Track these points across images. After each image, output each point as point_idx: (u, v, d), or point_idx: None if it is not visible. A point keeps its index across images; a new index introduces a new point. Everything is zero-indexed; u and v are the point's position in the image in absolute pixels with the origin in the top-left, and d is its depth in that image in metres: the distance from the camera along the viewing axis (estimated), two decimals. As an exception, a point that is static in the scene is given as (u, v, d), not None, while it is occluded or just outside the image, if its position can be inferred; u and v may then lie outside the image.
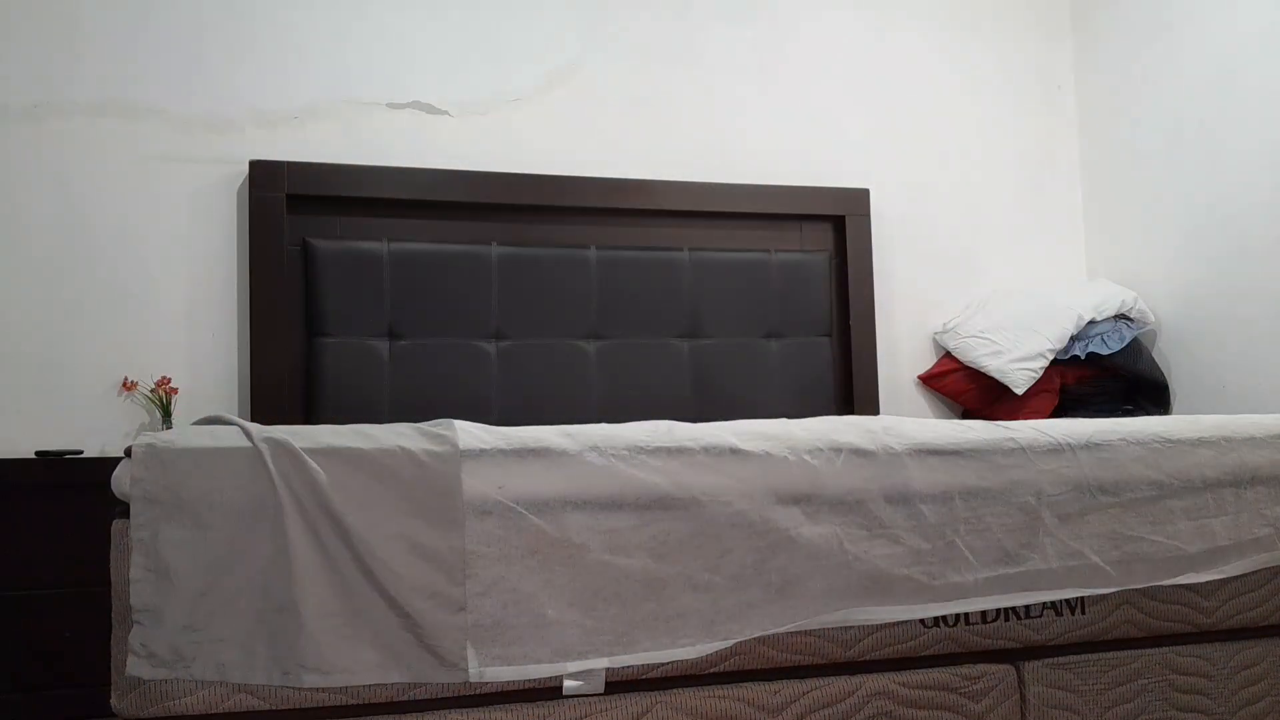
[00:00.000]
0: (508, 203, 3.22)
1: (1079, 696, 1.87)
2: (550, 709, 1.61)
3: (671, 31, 3.49)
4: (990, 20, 3.81)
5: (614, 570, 1.62)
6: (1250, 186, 3.16)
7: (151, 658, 1.48)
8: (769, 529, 1.69)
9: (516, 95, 3.34)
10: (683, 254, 3.34)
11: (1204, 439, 1.98)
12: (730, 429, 1.77)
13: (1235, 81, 3.21)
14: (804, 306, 3.42)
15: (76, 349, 2.93)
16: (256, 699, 1.52)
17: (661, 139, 3.44)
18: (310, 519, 1.53)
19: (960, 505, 1.80)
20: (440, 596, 1.55)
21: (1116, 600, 1.90)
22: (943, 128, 3.73)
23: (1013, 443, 1.87)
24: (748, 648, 1.70)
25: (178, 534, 1.51)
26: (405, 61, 3.26)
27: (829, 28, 3.65)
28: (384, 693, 1.56)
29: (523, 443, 1.64)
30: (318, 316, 3.01)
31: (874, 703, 1.76)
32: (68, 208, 2.97)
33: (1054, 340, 3.36)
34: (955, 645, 1.82)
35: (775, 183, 3.46)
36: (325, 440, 1.58)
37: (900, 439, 1.82)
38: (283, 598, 1.51)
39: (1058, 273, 3.78)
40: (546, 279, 3.21)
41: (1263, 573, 1.99)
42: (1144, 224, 3.58)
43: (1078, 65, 3.86)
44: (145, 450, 1.53)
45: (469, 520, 1.57)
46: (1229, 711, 1.95)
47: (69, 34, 3.00)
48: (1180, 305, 3.43)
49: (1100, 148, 3.77)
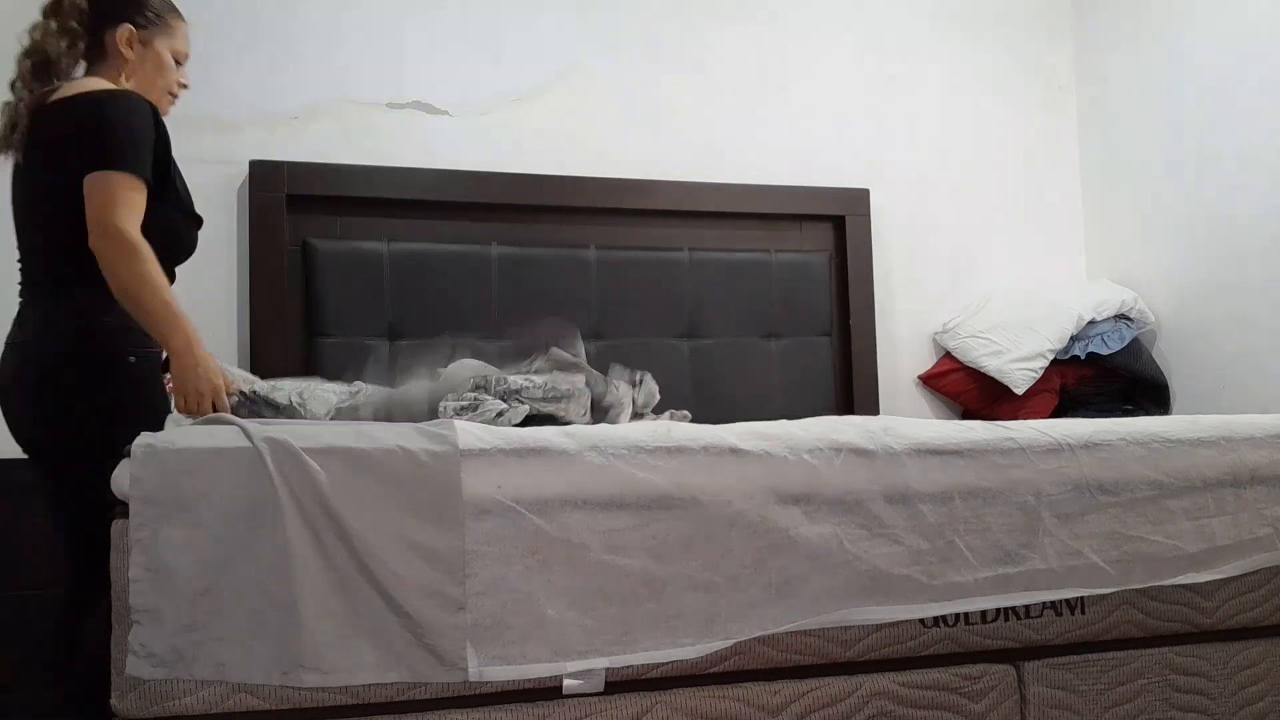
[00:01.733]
0: (508, 203, 3.22)
1: (1079, 696, 1.87)
2: (550, 709, 1.61)
3: (671, 31, 3.49)
4: (990, 20, 3.81)
5: (614, 570, 1.62)
6: (1250, 187, 3.16)
7: (151, 658, 1.48)
8: (769, 529, 1.69)
9: (516, 95, 3.34)
10: (683, 254, 3.34)
11: (1204, 439, 1.98)
12: (730, 429, 1.78)
13: (1235, 82, 3.21)
14: (804, 306, 3.42)
15: (76, 349, 2.93)
16: (256, 699, 1.52)
17: (661, 139, 3.43)
18: (310, 519, 1.53)
19: (960, 505, 1.80)
20: (440, 596, 1.55)
21: (1116, 600, 1.90)
22: (943, 128, 3.72)
23: (1012, 443, 1.87)
24: (748, 648, 1.70)
25: (177, 534, 1.51)
26: (405, 61, 3.26)
27: (829, 28, 3.65)
28: (384, 692, 1.56)
29: (523, 442, 1.65)
30: (318, 316, 3.01)
31: (874, 703, 1.76)
32: (68, 208, 2.97)
33: (1054, 340, 3.36)
34: (955, 645, 1.82)
35: (775, 183, 3.46)
36: (325, 440, 1.59)
37: (900, 439, 1.82)
38: (282, 597, 1.51)
39: (1058, 273, 3.77)
40: (546, 279, 3.20)
41: (1263, 573, 1.99)
42: (1144, 224, 3.57)
43: (1078, 65, 3.85)
44: (145, 450, 1.53)
45: (469, 520, 1.57)
46: (1229, 711, 1.95)
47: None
48: (1180, 305, 3.43)
49: (1100, 148, 3.77)
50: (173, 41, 2.07)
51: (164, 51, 2.05)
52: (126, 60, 2.01)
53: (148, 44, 2.03)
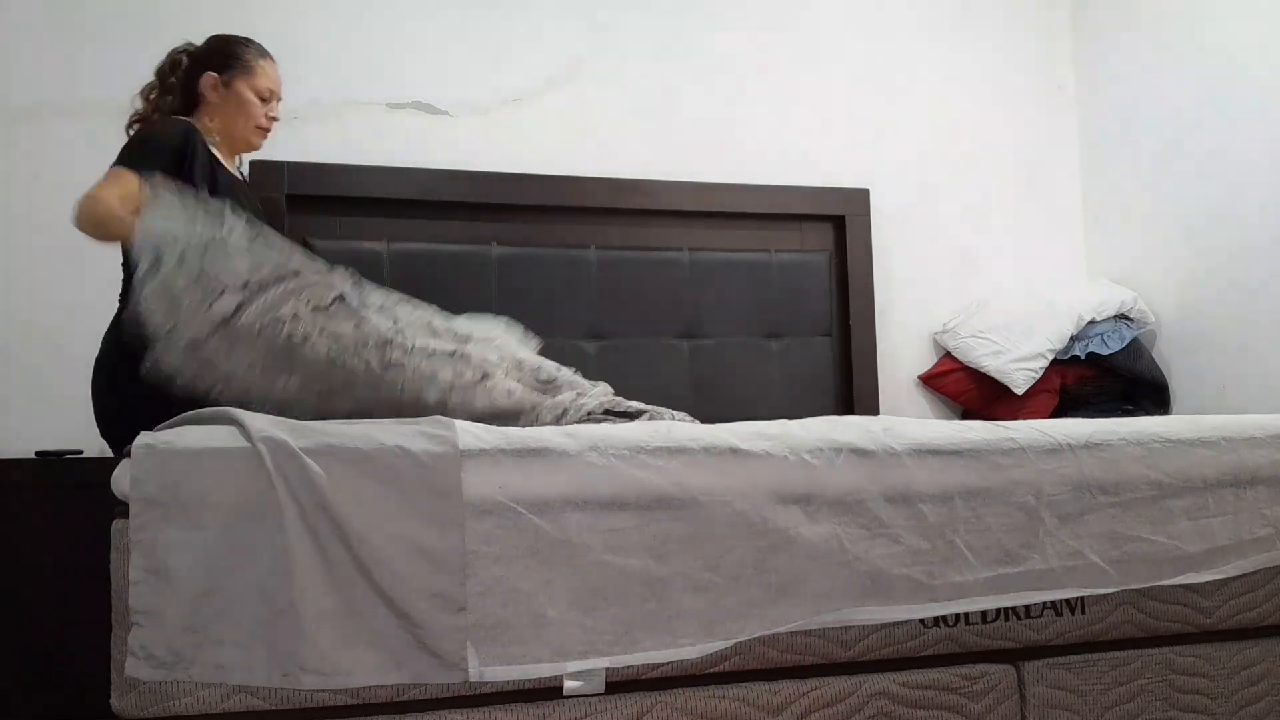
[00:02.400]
0: (508, 203, 3.22)
1: (1079, 696, 1.87)
2: (550, 709, 1.61)
3: (671, 31, 3.49)
4: (990, 20, 3.81)
5: (614, 570, 1.62)
6: (1250, 186, 3.16)
7: (150, 659, 1.48)
8: (769, 529, 1.69)
9: (516, 95, 3.34)
10: (683, 254, 3.34)
11: (1204, 439, 1.98)
12: (730, 429, 1.78)
13: (1235, 81, 3.21)
14: (804, 306, 3.42)
15: (76, 349, 2.92)
16: (256, 699, 1.52)
17: (661, 139, 3.43)
18: (310, 519, 1.53)
19: (960, 505, 1.80)
20: (440, 597, 1.55)
21: (1116, 600, 1.90)
22: (943, 128, 3.72)
23: (1013, 443, 1.87)
24: (748, 648, 1.70)
25: (177, 535, 1.51)
26: (405, 61, 3.26)
27: (829, 27, 3.65)
28: (384, 693, 1.56)
29: (523, 442, 1.65)
30: (318, 316, 3.01)
31: (874, 703, 1.76)
32: (68, 208, 2.96)
33: (1054, 340, 3.36)
34: (955, 645, 1.82)
35: (775, 183, 3.46)
36: (325, 440, 1.58)
37: (900, 439, 1.82)
38: (282, 599, 1.51)
39: (1058, 273, 3.77)
40: (546, 279, 3.20)
41: (1263, 573, 1.99)
42: (1144, 224, 3.57)
43: (1078, 65, 3.85)
44: (145, 451, 1.53)
45: (469, 520, 1.57)
46: (1229, 711, 1.95)
47: (69, 34, 3.00)
48: (1180, 305, 3.43)
49: (1100, 148, 3.77)
50: (254, 80, 2.33)
51: (245, 91, 2.32)
52: (210, 103, 2.29)
53: (229, 86, 2.31)
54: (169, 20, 3.08)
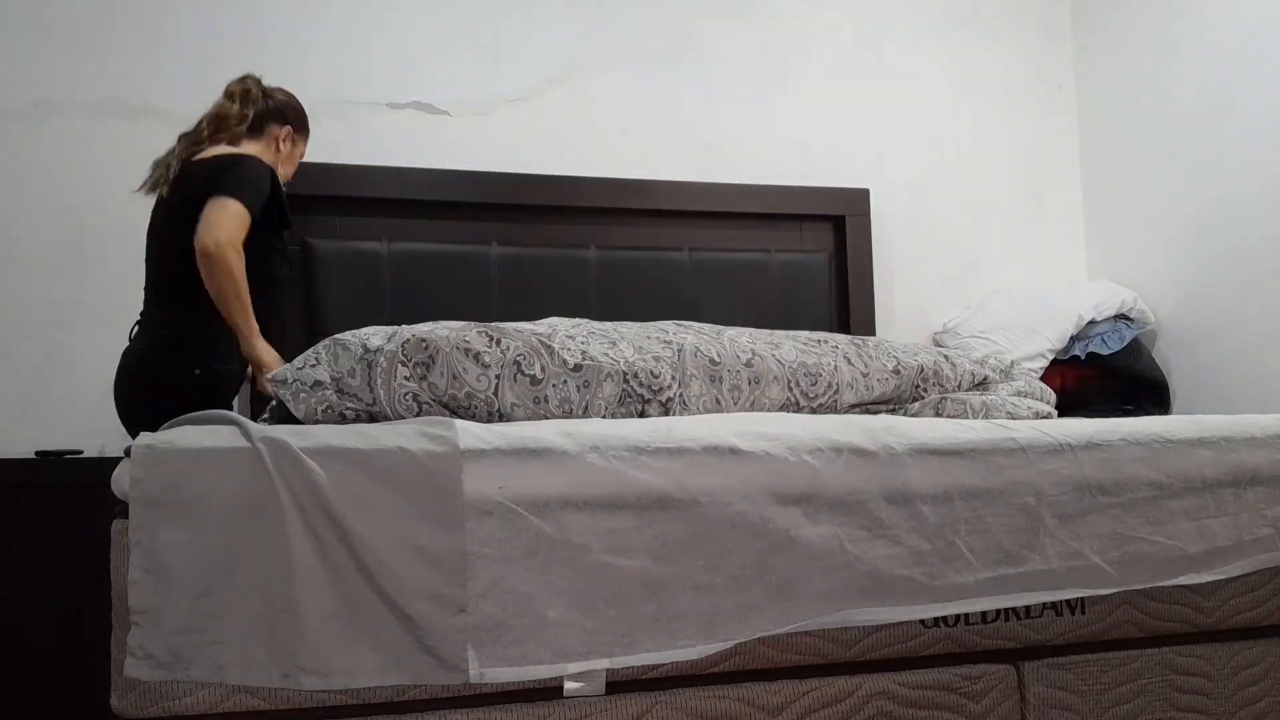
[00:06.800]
0: (508, 203, 3.22)
1: (1079, 696, 1.87)
2: (551, 710, 1.61)
3: (671, 31, 3.49)
4: (990, 21, 3.81)
5: (614, 571, 1.62)
6: (1250, 186, 3.16)
7: (150, 659, 1.48)
8: (769, 529, 1.69)
9: (516, 95, 3.34)
10: (682, 254, 3.34)
11: (1204, 439, 1.98)
12: (730, 429, 1.77)
13: (1235, 81, 3.21)
14: (804, 306, 3.42)
15: (76, 349, 2.93)
16: (256, 699, 1.52)
17: (661, 139, 3.43)
18: (310, 520, 1.52)
19: (960, 505, 1.80)
20: (441, 598, 1.55)
21: (1116, 600, 1.90)
22: (943, 128, 3.72)
23: (1013, 443, 1.87)
24: (748, 648, 1.70)
25: (176, 535, 1.50)
26: (405, 61, 3.26)
27: (829, 28, 3.65)
28: (384, 693, 1.56)
29: (523, 443, 1.64)
30: (318, 316, 3.01)
31: (874, 703, 1.76)
32: (68, 208, 2.97)
33: (1054, 340, 3.35)
34: (955, 645, 1.82)
35: (775, 183, 3.46)
36: (325, 440, 1.58)
37: (900, 439, 1.82)
38: (282, 599, 1.50)
39: (1058, 273, 3.77)
40: (546, 279, 3.20)
41: (1263, 573, 1.99)
42: (1144, 224, 3.57)
43: (1078, 65, 3.85)
44: (144, 451, 1.53)
45: (469, 521, 1.57)
46: (1229, 711, 1.95)
47: (69, 34, 3.00)
48: (1180, 305, 3.43)
49: (1100, 148, 3.77)
50: (303, 148, 2.73)
51: (301, 149, 2.72)
52: (274, 149, 2.61)
53: (294, 144, 2.67)
54: (173, 21, 3.09)
